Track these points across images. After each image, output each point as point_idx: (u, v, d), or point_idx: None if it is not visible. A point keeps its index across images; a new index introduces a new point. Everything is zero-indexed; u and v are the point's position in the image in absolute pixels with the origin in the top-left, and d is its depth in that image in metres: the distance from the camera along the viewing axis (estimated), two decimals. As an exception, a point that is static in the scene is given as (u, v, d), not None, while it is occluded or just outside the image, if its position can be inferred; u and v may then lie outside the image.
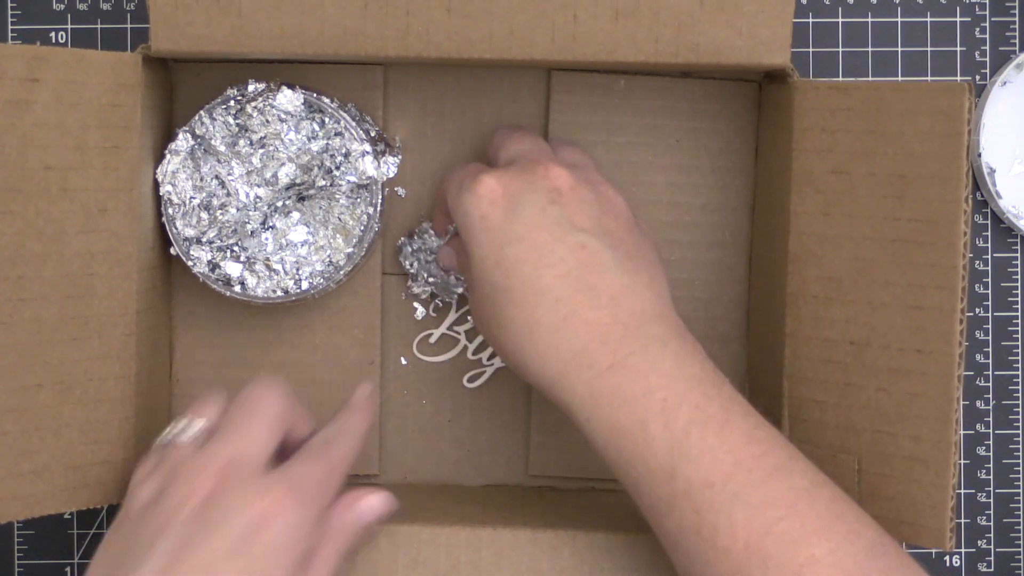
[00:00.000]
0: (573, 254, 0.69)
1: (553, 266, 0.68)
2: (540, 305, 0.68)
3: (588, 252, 0.69)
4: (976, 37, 0.85)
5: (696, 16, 0.72)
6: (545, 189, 0.70)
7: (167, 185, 0.78)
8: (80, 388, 0.73)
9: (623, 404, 0.66)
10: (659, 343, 0.67)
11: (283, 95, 0.78)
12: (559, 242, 0.69)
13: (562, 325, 0.67)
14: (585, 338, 0.67)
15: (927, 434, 0.69)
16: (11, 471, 0.70)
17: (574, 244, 0.69)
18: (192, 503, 0.65)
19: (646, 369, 0.66)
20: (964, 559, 0.86)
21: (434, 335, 0.85)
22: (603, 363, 0.67)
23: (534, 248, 0.69)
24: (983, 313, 0.86)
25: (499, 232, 0.69)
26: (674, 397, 0.66)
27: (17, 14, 0.84)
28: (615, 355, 0.67)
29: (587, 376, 0.67)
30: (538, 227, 0.69)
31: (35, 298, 0.70)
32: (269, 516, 0.65)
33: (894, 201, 0.70)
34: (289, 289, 0.79)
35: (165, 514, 0.65)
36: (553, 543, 0.72)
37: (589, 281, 0.68)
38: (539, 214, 0.69)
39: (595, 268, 0.69)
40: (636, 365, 0.66)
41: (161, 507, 0.66)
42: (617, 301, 0.68)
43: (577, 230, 0.69)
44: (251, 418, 0.70)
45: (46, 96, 0.70)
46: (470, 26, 0.72)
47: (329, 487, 0.69)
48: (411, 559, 0.73)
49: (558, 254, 0.68)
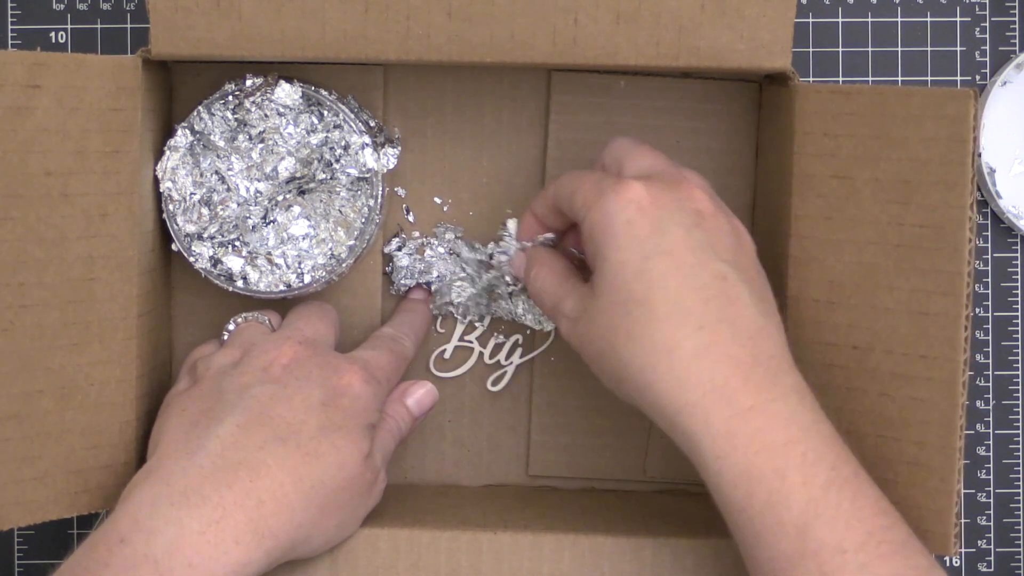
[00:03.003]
0: (716, 283, 0.67)
1: (698, 290, 0.66)
2: (683, 327, 0.66)
3: (729, 284, 0.67)
4: (976, 37, 0.85)
5: (697, 20, 0.72)
6: (691, 210, 0.68)
7: (167, 181, 0.78)
8: (81, 393, 0.73)
9: (763, 450, 0.64)
10: (797, 394, 0.66)
11: (281, 89, 0.78)
12: (703, 267, 0.67)
13: (704, 353, 0.65)
14: (727, 372, 0.65)
15: (931, 439, 0.69)
16: (13, 477, 0.70)
17: (716, 273, 0.67)
18: (279, 365, 0.73)
19: (787, 418, 0.65)
20: (964, 559, 0.86)
21: (447, 349, 0.84)
22: (744, 403, 0.65)
23: (680, 267, 0.66)
24: (983, 313, 0.86)
25: (645, 241, 0.67)
26: (813, 453, 0.64)
27: (17, 14, 0.84)
28: (757, 397, 0.65)
29: (726, 413, 0.65)
30: (684, 246, 0.67)
31: (36, 304, 0.70)
32: (347, 386, 0.72)
33: (898, 206, 0.70)
34: (291, 283, 0.79)
35: (250, 373, 0.72)
36: (554, 547, 0.72)
37: (730, 314, 0.66)
38: (685, 234, 0.67)
39: (735, 302, 0.67)
40: (778, 412, 0.65)
41: (245, 367, 0.72)
42: (756, 341, 0.66)
43: (719, 259, 0.67)
44: (318, 313, 0.78)
45: (47, 101, 0.69)
46: (471, 30, 0.72)
47: (395, 374, 0.77)
48: (412, 563, 0.73)
49: (702, 279, 0.66)
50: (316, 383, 0.72)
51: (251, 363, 0.73)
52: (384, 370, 0.76)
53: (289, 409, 0.70)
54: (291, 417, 0.70)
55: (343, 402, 0.72)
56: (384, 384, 0.75)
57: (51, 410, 0.71)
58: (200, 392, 0.73)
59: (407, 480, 0.85)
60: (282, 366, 0.72)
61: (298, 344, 0.74)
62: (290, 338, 0.75)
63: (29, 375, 0.70)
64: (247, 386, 0.71)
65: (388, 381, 0.76)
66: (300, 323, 0.77)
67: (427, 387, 0.79)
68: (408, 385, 0.79)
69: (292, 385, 0.71)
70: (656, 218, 0.67)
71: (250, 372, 0.72)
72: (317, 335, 0.76)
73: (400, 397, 0.78)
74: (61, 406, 0.72)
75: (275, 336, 0.76)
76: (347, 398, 0.72)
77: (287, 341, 0.74)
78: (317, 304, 0.79)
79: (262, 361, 0.73)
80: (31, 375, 0.70)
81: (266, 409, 0.70)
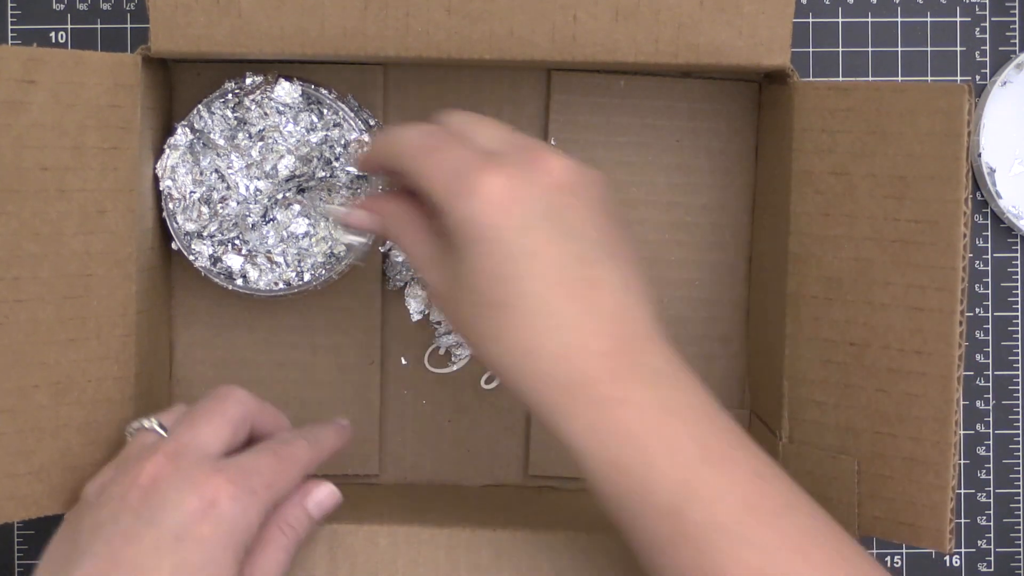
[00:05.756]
0: (579, 269, 0.65)
1: (561, 286, 0.64)
2: (544, 329, 0.64)
3: (596, 269, 0.65)
4: (976, 37, 0.85)
5: (696, 17, 0.72)
6: (548, 188, 0.66)
7: (167, 180, 0.78)
8: (78, 389, 0.73)
9: (626, 442, 0.63)
10: (659, 375, 0.65)
11: (281, 87, 0.78)
12: (566, 255, 0.65)
13: (565, 353, 0.64)
14: (588, 368, 0.64)
15: (927, 435, 0.69)
16: (8, 472, 0.70)
17: (580, 256, 0.65)
18: (138, 488, 0.65)
19: (651, 405, 0.64)
20: (964, 559, 0.86)
21: (441, 346, 0.85)
22: (606, 396, 0.63)
23: (543, 265, 0.64)
24: (983, 313, 0.86)
25: (511, 244, 0.64)
26: (680, 435, 0.63)
27: (17, 14, 0.84)
28: (619, 388, 0.64)
29: (589, 409, 0.63)
30: (547, 240, 0.65)
31: (32, 299, 0.70)
32: (209, 506, 0.64)
33: (894, 202, 0.70)
34: (291, 281, 0.79)
35: (108, 506, 0.65)
36: (553, 544, 0.72)
37: (594, 300, 0.65)
38: (548, 224, 0.65)
39: (599, 285, 0.65)
40: (640, 401, 0.63)
41: (106, 496, 0.66)
42: (620, 326, 0.65)
43: (581, 238, 0.66)
44: (205, 415, 0.70)
45: (42, 97, 0.70)
46: (470, 26, 0.72)
47: (279, 482, 0.68)
48: (411, 559, 0.72)
49: (566, 272, 0.65)
50: (172, 509, 0.64)
51: (112, 489, 0.66)
52: (263, 476, 0.67)
53: (140, 551, 0.63)
54: (142, 560, 0.63)
55: (203, 530, 0.64)
56: (263, 493, 0.67)
57: (47, 405, 0.71)
58: (66, 530, 0.68)
59: (407, 480, 0.85)
60: (141, 489, 0.65)
61: (164, 458, 0.66)
62: (158, 451, 0.67)
63: (24, 370, 0.70)
64: (101, 524, 0.65)
65: (270, 488, 0.68)
66: (181, 427, 0.69)
67: (329, 488, 0.72)
68: (310, 486, 0.71)
69: (145, 516, 0.64)
70: (517, 216, 0.65)
71: (108, 504, 0.65)
72: (194, 441, 0.68)
73: (300, 500, 0.71)
74: (57, 401, 0.72)
75: (147, 449, 0.68)
76: (209, 523, 0.64)
77: (154, 455, 0.66)
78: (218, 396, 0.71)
79: (122, 486, 0.66)
80: (27, 370, 0.70)
81: (117, 554, 0.63)
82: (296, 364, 0.84)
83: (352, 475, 0.84)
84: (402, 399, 0.85)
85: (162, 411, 0.73)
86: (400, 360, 0.85)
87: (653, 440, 0.63)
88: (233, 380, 0.83)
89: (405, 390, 0.85)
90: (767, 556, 0.61)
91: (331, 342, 0.84)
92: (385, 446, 0.85)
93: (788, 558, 0.61)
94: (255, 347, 0.84)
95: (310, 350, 0.84)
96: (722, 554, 0.61)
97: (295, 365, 0.84)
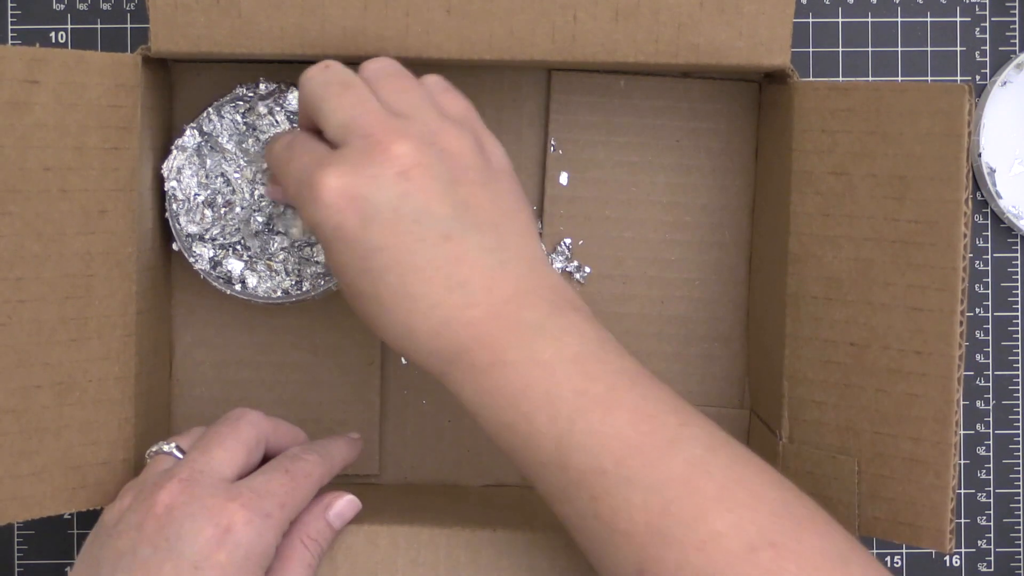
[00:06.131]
0: (438, 250, 0.65)
1: (421, 269, 0.65)
2: (415, 312, 0.66)
3: (453, 243, 0.66)
4: (976, 37, 0.85)
5: (696, 17, 0.72)
6: (392, 178, 0.65)
7: (172, 181, 0.78)
8: (80, 389, 0.73)
9: (508, 401, 0.64)
10: (535, 330, 0.65)
11: (293, 95, 0.78)
12: (421, 241, 0.65)
13: (440, 330, 0.65)
14: (464, 339, 0.65)
15: (927, 435, 0.69)
16: (10, 472, 0.70)
17: (437, 238, 0.65)
18: (153, 517, 0.65)
19: (526, 361, 0.65)
20: (964, 559, 0.86)
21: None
22: (484, 361, 0.65)
23: (398, 254, 0.65)
24: (983, 313, 0.86)
25: (357, 243, 0.65)
26: (555, 387, 0.64)
27: (17, 14, 0.84)
28: (494, 353, 0.65)
29: (472, 375, 0.65)
30: (396, 231, 0.65)
31: (34, 299, 0.70)
32: (225, 533, 0.65)
33: (894, 202, 0.70)
34: (290, 290, 0.79)
35: (127, 535, 0.66)
36: (553, 544, 0.72)
37: (459, 276, 0.65)
38: (394, 215, 0.65)
39: (463, 259, 0.66)
40: (515, 360, 0.65)
41: (123, 524, 0.67)
42: (490, 290, 0.66)
43: (437, 219, 0.65)
44: (218, 439, 0.70)
45: (45, 97, 0.70)
46: (470, 26, 0.72)
47: (293, 501, 0.69)
48: (411, 560, 0.72)
49: (424, 255, 0.65)
50: (189, 539, 0.65)
51: (130, 517, 0.67)
52: (277, 497, 0.68)
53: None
54: None
55: (220, 557, 0.65)
56: (278, 514, 0.68)
57: (49, 405, 0.71)
58: (87, 557, 0.68)
59: (407, 480, 0.85)
60: (157, 519, 0.65)
61: (178, 486, 0.67)
62: (173, 478, 0.67)
63: (26, 370, 0.70)
64: (121, 555, 0.65)
65: (284, 508, 0.68)
66: (195, 452, 0.70)
67: (348, 498, 0.73)
68: (331, 498, 0.72)
69: (163, 547, 0.64)
70: (359, 211, 0.65)
71: (126, 532, 0.66)
72: (208, 466, 0.68)
73: (321, 512, 0.71)
74: (59, 401, 0.72)
75: (162, 474, 0.68)
76: (225, 550, 0.65)
77: (168, 483, 0.67)
78: (233, 418, 0.72)
79: (139, 514, 0.66)
80: (28, 370, 0.70)
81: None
82: (296, 364, 0.84)
83: (352, 475, 0.84)
84: (402, 399, 0.85)
85: (180, 435, 0.74)
86: (400, 360, 0.85)
87: (531, 397, 0.64)
88: (233, 380, 0.83)
89: (405, 390, 0.85)
90: (655, 494, 0.61)
91: (331, 342, 0.84)
92: (385, 446, 0.85)
93: (677, 493, 0.61)
94: (255, 347, 0.84)
95: (310, 350, 0.84)
96: (611, 497, 0.62)
97: (295, 365, 0.84)
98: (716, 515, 0.61)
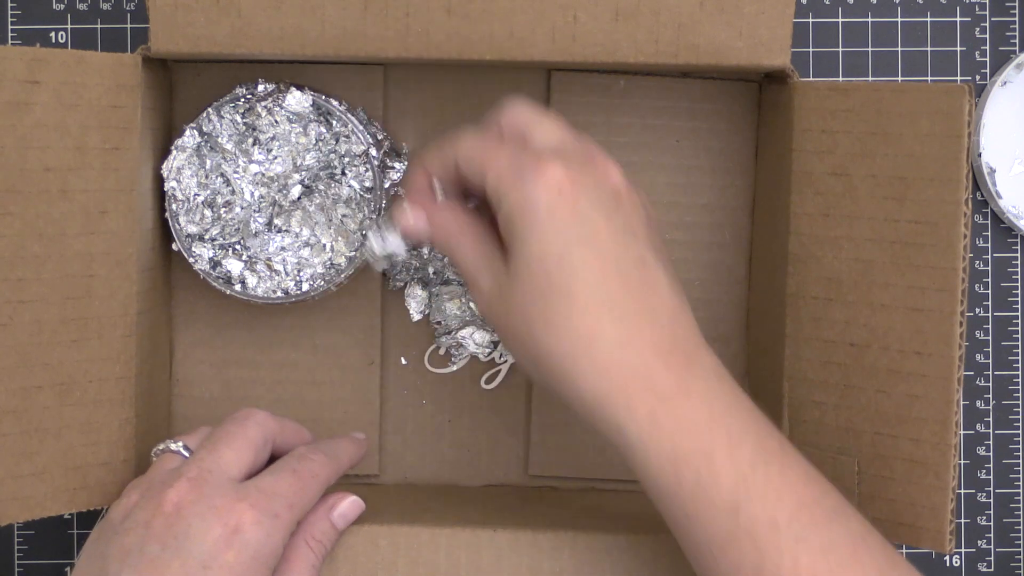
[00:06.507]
0: (637, 270, 0.65)
1: (620, 278, 0.65)
2: (604, 317, 0.64)
3: (648, 270, 0.66)
4: (976, 37, 0.85)
5: (696, 17, 0.72)
6: (609, 191, 0.67)
7: (172, 181, 0.78)
8: (80, 389, 0.73)
9: (688, 432, 0.63)
10: (715, 374, 0.65)
11: (292, 96, 0.78)
12: (625, 254, 0.65)
13: (626, 342, 0.64)
14: (648, 359, 0.64)
15: (927, 436, 0.69)
16: (11, 472, 0.70)
17: (636, 259, 0.66)
18: (161, 515, 0.66)
19: (709, 399, 0.64)
20: (964, 559, 0.86)
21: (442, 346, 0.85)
22: (666, 388, 0.63)
23: (602, 255, 0.65)
24: (983, 313, 0.86)
25: (567, 229, 0.64)
26: (738, 430, 0.64)
27: (17, 14, 0.84)
28: (678, 381, 0.64)
29: (649, 399, 0.63)
30: (606, 233, 0.65)
31: (35, 300, 0.70)
32: (233, 532, 0.65)
33: (894, 203, 0.70)
34: (289, 290, 0.79)
35: (134, 532, 0.66)
36: (554, 544, 0.72)
37: (651, 302, 0.65)
38: (606, 220, 0.65)
39: (654, 287, 0.66)
40: (699, 393, 0.64)
41: (130, 521, 0.67)
42: (674, 325, 0.66)
43: (638, 243, 0.66)
44: (226, 438, 0.70)
45: (46, 97, 0.70)
46: (470, 27, 0.72)
47: (300, 502, 0.69)
48: (411, 560, 0.72)
49: (624, 267, 0.65)
50: (198, 538, 0.65)
51: (137, 515, 0.66)
52: (285, 498, 0.68)
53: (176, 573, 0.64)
54: None
55: (228, 557, 0.65)
56: (286, 514, 0.68)
57: (49, 406, 0.71)
58: (92, 552, 0.68)
59: (407, 480, 0.85)
60: (165, 517, 0.65)
61: (186, 484, 0.67)
62: (181, 476, 0.67)
63: (27, 371, 0.70)
64: (128, 552, 0.65)
65: (292, 508, 0.68)
66: (203, 451, 0.70)
67: (351, 499, 0.73)
68: (335, 499, 0.72)
69: (171, 546, 0.64)
70: (577, 203, 0.65)
71: (134, 530, 0.66)
72: (216, 465, 0.68)
73: (325, 513, 0.72)
74: (59, 402, 0.72)
75: (170, 473, 0.69)
76: (233, 549, 0.65)
77: (176, 481, 0.67)
78: (239, 417, 0.73)
79: (147, 512, 0.66)
80: (30, 371, 0.70)
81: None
82: (296, 364, 0.84)
83: (352, 475, 0.83)
84: (402, 399, 0.85)
85: (186, 434, 0.74)
86: (400, 360, 0.85)
87: (714, 433, 0.63)
88: (233, 380, 0.83)
89: (405, 390, 0.85)
90: (822, 557, 0.62)
91: (331, 342, 0.84)
92: (385, 446, 0.85)
93: (841, 560, 0.62)
94: (255, 347, 0.84)
95: (310, 350, 0.84)
96: (779, 552, 0.62)
97: (295, 365, 0.84)
98: None
